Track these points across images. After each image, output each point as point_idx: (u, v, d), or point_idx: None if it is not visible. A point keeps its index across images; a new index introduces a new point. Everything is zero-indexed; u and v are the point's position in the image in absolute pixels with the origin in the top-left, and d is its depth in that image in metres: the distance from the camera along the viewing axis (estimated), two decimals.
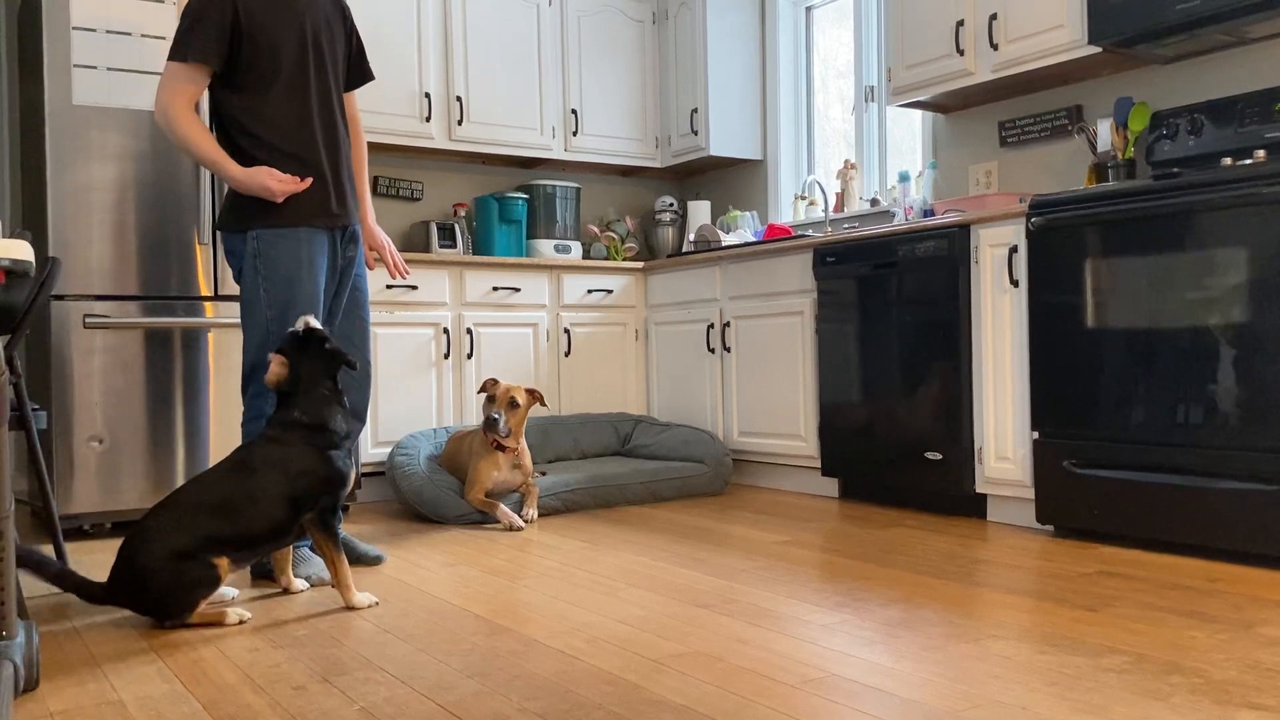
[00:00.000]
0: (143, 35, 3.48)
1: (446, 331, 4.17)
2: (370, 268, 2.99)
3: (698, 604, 2.31)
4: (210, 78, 2.63)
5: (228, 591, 2.46)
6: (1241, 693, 1.65)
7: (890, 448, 3.52)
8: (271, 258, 2.62)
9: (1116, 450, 2.83)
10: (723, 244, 4.59)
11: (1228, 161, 2.89)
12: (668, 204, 5.19)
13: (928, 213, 3.91)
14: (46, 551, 2.68)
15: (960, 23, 3.66)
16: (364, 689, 1.79)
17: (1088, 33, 3.21)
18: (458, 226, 4.51)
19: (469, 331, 4.23)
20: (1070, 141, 3.71)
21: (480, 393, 3.59)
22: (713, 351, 4.35)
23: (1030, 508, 3.13)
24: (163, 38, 3.48)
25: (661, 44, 5.11)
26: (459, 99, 4.50)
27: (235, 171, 2.60)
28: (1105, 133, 3.47)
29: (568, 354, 4.51)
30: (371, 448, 3.97)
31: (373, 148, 4.42)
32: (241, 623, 2.25)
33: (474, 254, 4.63)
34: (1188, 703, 1.61)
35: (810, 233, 4.29)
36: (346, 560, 2.46)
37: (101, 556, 3.02)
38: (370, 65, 2.98)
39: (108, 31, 3.43)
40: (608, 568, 2.72)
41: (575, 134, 4.84)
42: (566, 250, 4.77)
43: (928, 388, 3.38)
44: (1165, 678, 1.73)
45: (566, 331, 4.50)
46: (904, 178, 4.12)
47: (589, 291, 4.57)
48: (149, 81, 3.46)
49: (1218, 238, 2.61)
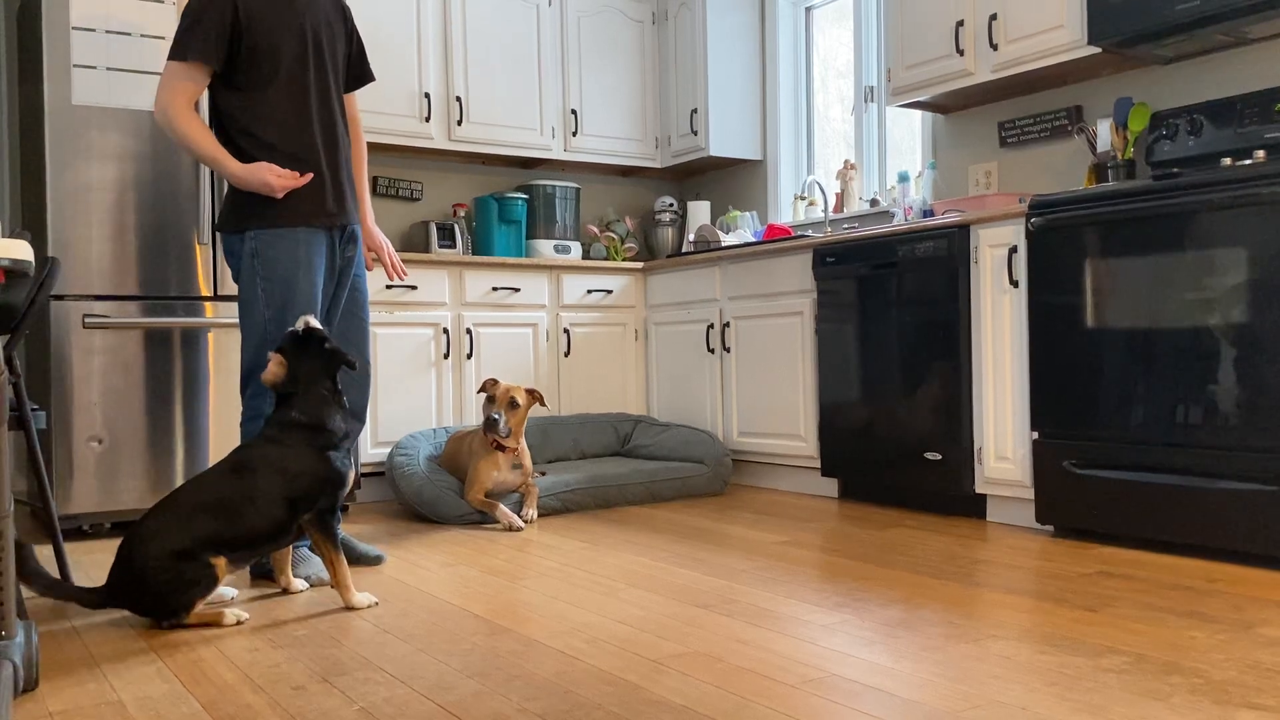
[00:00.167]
0: (142, 35, 3.48)
1: (446, 332, 4.17)
2: (369, 269, 2.98)
3: (697, 604, 2.31)
4: (210, 77, 2.63)
5: (227, 592, 2.46)
6: (1241, 693, 1.65)
7: (890, 448, 3.52)
8: (269, 258, 2.62)
9: (1116, 450, 2.83)
10: (722, 244, 4.59)
11: (1227, 162, 2.89)
12: (667, 204, 5.19)
13: (927, 213, 3.91)
14: (46, 552, 2.67)
15: (960, 23, 3.66)
16: (363, 689, 1.79)
17: (1087, 33, 3.21)
18: (457, 227, 4.51)
19: (468, 332, 4.23)
20: (1070, 142, 3.71)
21: (480, 393, 3.59)
22: (712, 352, 4.35)
23: (1030, 508, 3.13)
24: (162, 38, 3.48)
25: (661, 44, 5.11)
26: (458, 99, 4.50)
27: (235, 168, 2.60)
28: (1105, 133, 3.47)
29: (567, 354, 4.51)
30: (371, 448, 3.97)
31: (372, 148, 4.42)
32: (239, 623, 2.25)
33: (473, 254, 4.63)
34: (1187, 703, 1.61)
35: (810, 233, 4.29)
36: (345, 560, 2.45)
37: (101, 557, 3.02)
38: (371, 66, 2.98)
39: (107, 31, 3.43)
40: (607, 568, 2.72)
41: (575, 134, 4.84)
42: (566, 250, 4.77)
43: (927, 388, 3.38)
44: (1165, 678, 1.73)
45: (566, 332, 4.50)
46: (904, 178, 4.12)
47: (589, 292, 4.57)
48: (149, 81, 3.46)
49: (1217, 238, 2.61)
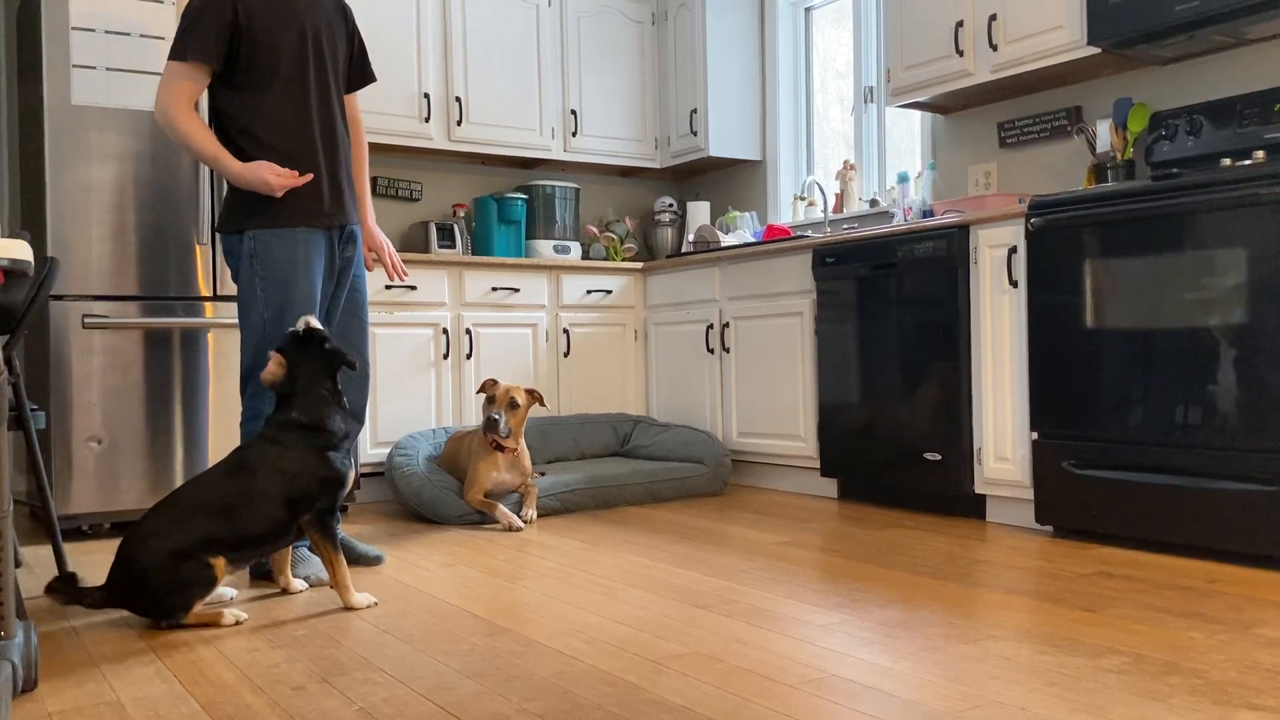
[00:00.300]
0: (142, 35, 3.48)
1: (446, 332, 4.17)
2: (369, 269, 2.98)
3: (697, 604, 2.31)
4: (210, 77, 2.63)
5: (226, 592, 2.46)
6: (1240, 693, 1.65)
7: (889, 448, 3.52)
8: (268, 258, 2.62)
9: (1116, 451, 2.83)
10: (722, 244, 4.59)
11: (1227, 162, 2.89)
12: (667, 204, 5.19)
13: (927, 213, 3.91)
14: (45, 552, 2.67)
15: (960, 23, 3.66)
16: (363, 689, 1.79)
17: (1087, 33, 3.21)
18: (457, 227, 4.51)
19: (468, 332, 4.23)
20: (1069, 142, 3.71)
21: (480, 393, 3.59)
22: (712, 352, 4.35)
23: (1029, 508, 3.13)
24: (162, 38, 3.48)
25: (661, 45, 5.11)
26: (458, 99, 4.50)
27: (234, 166, 2.60)
28: (1104, 133, 3.47)
29: (567, 354, 4.51)
30: (370, 448, 3.97)
31: (372, 148, 4.42)
32: (238, 624, 2.25)
33: (473, 254, 4.63)
34: (1187, 703, 1.61)
35: (809, 233, 4.29)
36: (345, 561, 2.45)
37: (100, 557, 3.02)
38: (372, 67, 2.98)
39: (107, 31, 3.43)
40: (607, 568, 2.72)
41: (574, 134, 4.84)
42: (566, 251, 4.77)
43: (927, 388, 3.38)
44: (1164, 678, 1.73)
45: (566, 332, 4.50)
46: (903, 178, 4.12)
47: (588, 292, 4.57)
48: (148, 81, 3.46)
49: (1217, 238, 2.61)
